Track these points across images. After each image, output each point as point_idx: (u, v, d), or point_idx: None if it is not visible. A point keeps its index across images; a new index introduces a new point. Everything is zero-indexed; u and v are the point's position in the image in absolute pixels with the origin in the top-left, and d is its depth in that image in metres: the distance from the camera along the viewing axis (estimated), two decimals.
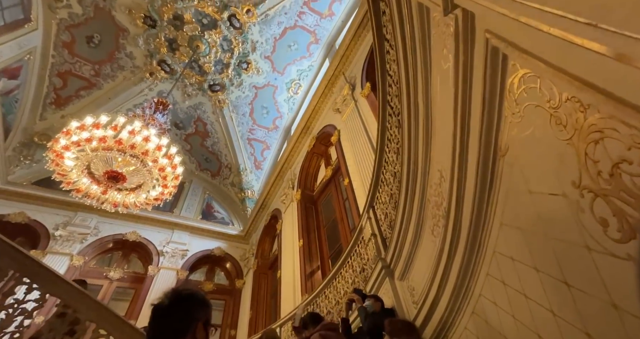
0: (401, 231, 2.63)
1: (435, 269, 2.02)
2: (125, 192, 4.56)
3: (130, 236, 9.03)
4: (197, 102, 9.99)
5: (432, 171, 1.94)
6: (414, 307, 2.45)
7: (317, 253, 5.81)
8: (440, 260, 1.90)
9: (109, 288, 8.30)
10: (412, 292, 2.54)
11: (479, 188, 1.37)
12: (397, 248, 2.76)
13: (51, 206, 8.67)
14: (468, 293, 1.72)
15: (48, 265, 2.58)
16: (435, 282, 2.05)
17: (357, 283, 3.65)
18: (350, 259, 3.94)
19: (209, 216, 10.75)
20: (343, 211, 5.80)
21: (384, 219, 3.25)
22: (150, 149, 4.15)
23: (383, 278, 2.94)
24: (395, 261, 2.84)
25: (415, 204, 2.27)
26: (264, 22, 8.25)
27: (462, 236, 1.61)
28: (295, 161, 8.20)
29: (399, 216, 2.63)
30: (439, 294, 2.06)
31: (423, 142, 1.92)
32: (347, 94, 6.13)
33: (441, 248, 1.87)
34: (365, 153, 4.84)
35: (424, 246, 2.26)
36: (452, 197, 1.61)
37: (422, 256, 2.32)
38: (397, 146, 2.67)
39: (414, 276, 2.51)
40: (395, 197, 2.88)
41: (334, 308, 4.00)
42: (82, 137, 3.78)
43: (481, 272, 1.54)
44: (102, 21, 8.19)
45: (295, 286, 5.60)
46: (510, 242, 1.30)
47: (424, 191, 2.11)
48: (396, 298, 2.70)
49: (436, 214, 1.98)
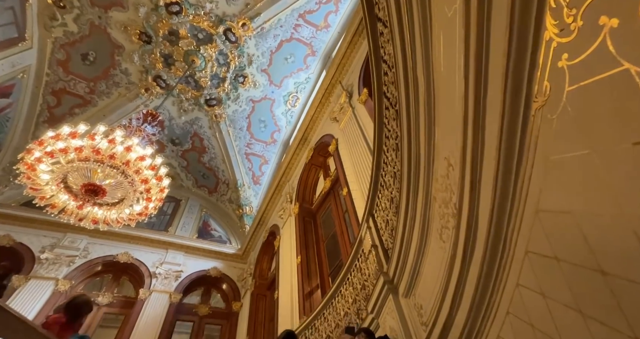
0: (404, 238, 2.26)
1: (446, 281, 1.65)
2: (106, 207, 4.22)
3: (121, 258, 8.59)
4: (193, 117, 9.84)
5: (437, 160, 1.61)
6: (423, 329, 2.04)
7: (316, 271, 5.36)
8: (452, 269, 1.53)
9: (96, 315, 7.76)
10: (419, 311, 2.14)
11: (502, 167, 1.04)
12: (401, 259, 2.38)
13: (39, 228, 8.31)
14: (491, 310, 1.34)
15: None
16: (447, 297, 1.67)
17: (358, 301, 3.22)
18: (350, 275, 3.53)
19: (205, 234, 10.33)
20: (343, 223, 5.41)
21: (385, 228, 2.88)
22: (132, 160, 3.85)
23: (386, 296, 2.54)
24: (399, 274, 2.45)
25: (419, 205, 1.92)
26: (259, 36, 8.21)
27: (480, 236, 1.27)
28: (294, 174, 7.89)
29: (400, 221, 2.27)
30: (453, 313, 1.67)
31: (425, 127, 1.61)
32: (345, 101, 5.91)
33: (452, 254, 1.51)
34: (364, 160, 4.53)
35: (432, 254, 1.90)
36: (465, 186, 1.28)
37: (429, 266, 1.95)
38: (396, 142, 2.36)
39: (421, 292, 2.11)
40: (396, 201, 2.53)
41: (333, 332, 3.54)
42: (56, 148, 3.50)
43: (509, 281, 1.18)
44: (98, 38, 8.19)
45: (293, 307, 5.12)
46: (553, 241, 0.95)
47: (429, 186, 1.77)
48: (401, 319, 2.29)
49: (444, 214, 1.63)
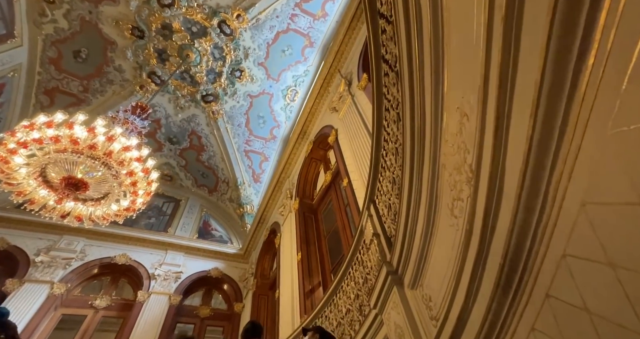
0: (408, 220, 1.97)
1: (459, 265, 1.35)
2: (90, 203, 3.97)
3: (119, 259, 8.37)
4: (190, 115, 9.62)
5: (447, 114, 1.32)
6: (433, 325, 1.74)
7: (317, 267, 5.07)
8: (467, 249, 1.24)
9: (93, 318, 7.55)
10: (428, 303, 1.84)
11: (546, 88, 0.74)
12: (405, 246, 2.08)
13: (34, 230, 8.13)
14: (521, 297, 1.04)
15: None
16: (461, 285, 1.37)
17: (361, 297, 2.93)
18: (352, 269, 3.24)
19: (206, 234, 10.09)
20: (345, 217, 5.12)
21: (387, 214, 2.58)
22: (115, 151, 3.60)
23: (389, 288, 2.24)
24: (403, 263, 2.15)
25: (425, 177, 1.63)
26: (255, 27, 7.96)
27: (508, 196, 0.97)
28: (293, 169, 7.62)
29: (404, 201, 1.98)
30: (469, 304, 1.37)
31: (432, 75, 1.32)
32: (344, 90, 5.63)
33: (468, 229, 1.21)
34: (364, 148, 4.24)
35: (441, 235, 1.60)
36: (487, 130, 0.98)
37: (439, 249, 1.65)
38: (397, 112, 2.07)
39: (429, 281, 1.82)
40: (398, 181, 2.24)
41: (335, 331, 3.25)
42: (29, 138, 3.25)
43: (550, 253, 0.88)
44: (89, 35, 8.00)
45: (294, 306, 4.83)
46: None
47: (436, 152, 1.48)
48: (407, 314, 1.99)
49: (456, 182, 1.34)
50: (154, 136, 10.08)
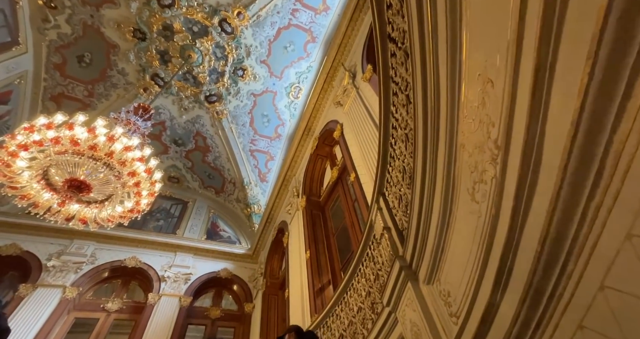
0: (422, 211, 1.83)
1: (484, 254, 1.21)
2: (94, 205, 3.92)
3: (129, 262, 8.38)
4: (194, 116, 9.58)
5: (466, 85, 1.18)
6: (453, 322, 1.60)
7: (326, 265, 4.95)
8: (493, 235, 1.10)
9: (105, 321, 7.56)
10: (446, 299, 1.70)
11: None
12: (419, 238, 1.94)
13: (45, 235, 8.20)
14: (565, 285, 0.90)
15: None
16: (486, 277, 1.23)
17: (372, 294, 2.79)
18: (362, 265, 3.10)
19: (214, 235, 10.06)
20: (353, 214, 4.98)
21: (397, 206, 2.44)
22: (116, 151, 3.53)
23: (403, 284, 2.10)
24: (418, 257, 2.01)
25: (440, 161, 1.49)
26: (256, 24, 7.86)
27: (548, 164, 0.82)
28: (299, 167, 7.50)
29: (416, 191, 1.84)
30: (496, 298, 1.23)
31: (447, 40, 1.18)
32: (348, 83, 5.49)
33: (494, 213, 1.07)
34: (371, 140, 4.10)
35: (461, 223, 1.46)
36: (520, 93, 0.83)
37: (458, 240, 1.51)
38: (406, 94, 1.93)
39: (447, 275, 1.68)
40: (409, 169, 2.10)
41: (347, 330, 3.12)
42: (30, 141, 3.20)
43: (606, 232, 0.73)
44: (92, 39, 8.01)
45: (304, 305, 4.72)
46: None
47: (453, 131, 1.34)
48: (424, 311, 1.85)
49: (478, 163, 1.19)
50: (160, 138, 10.09)
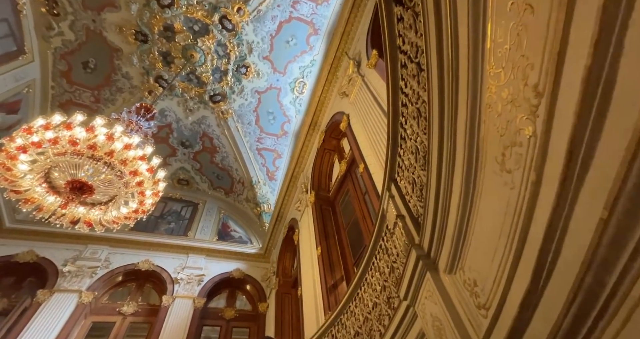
0: (440, 191, 1.63)
1: (519, 234, 1.01)
2: (98, 207, 3.84)
3: (142, 265, 8.40)
4: (200, 116, 9.53)
5: (493, 26, 0.97)
6: (482, 315, 1.40)
7: (339, 261, 4.77)
8: (532, 210, 0.90)
9: (122, 325, 7.59)
10: (472, 289, 1.50)
11: None
12: (437, 223, 1.74)
13: (60, 241, 8.31)
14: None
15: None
16: (524, 260, 1.03)
17: (388, 288, 2.60)
18: (376, 259, 2.91)
19: (225, 236, 10.01)
20: (364, 206, 4.79)
21: (411, 191, 2.24)
22: (117, 150, 3.43)
23: (421, 275, 1.90)
24: (436, 244, 1.81)
25: (460, 129, 1.29)
26: (257, 20, 7.73)
27: (617, 114, 0.62)
28: (307, 162, 7.35)
29: (433, 170, 1.64)
30: (538, 285, 1.02)
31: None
32: (353, 72, 5.29)
33: (535, 181, 0.87)
34: (379, 127, 3.90)
35: (487, 201, 1.26)
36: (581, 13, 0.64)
37: (484, 220, 1.31)
38: (416, 62, 1.73)
39: (472, 262, 1.48)
40: (423, 148, 1.90)
41: (363, 327, 2.94)
42: (27, 143, 3.13)
43: None
44: (95, 44, 8.04)
45: (317, 303, 4.56)
46: None
47: (476, 88, 1.14)
48: (447, 303, 1.65)
49: (510, 122, 0.99)
50: (167, 141, 10.10)
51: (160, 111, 9.33)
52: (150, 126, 5.17)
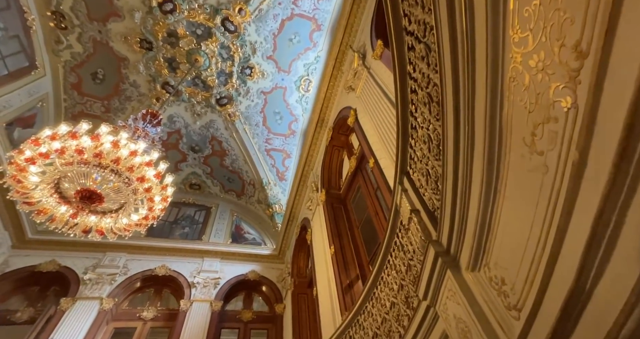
0: (457, 181, 1.49)
1: (557, 223, 0.87)
2: (109, 215, 3.83)
3: (159, 271, 8.48)
4: (208, 120, 9.55)
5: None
6: (513, 317, 1.26)
7: (353, 260, 4.64)
8: (575, 191, 0.76)
9: (143, 330, 7.67)
10: (500, 288, 1.35)
11: None
12: (457, 216, 1.60)
13: (80, 250, 8.47)
14: None
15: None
16: (565, 253, 0.88)
17: (406, 287, 2.46)
18: (391, 256, 2.77)
19: (239, 238, 10.02)
20: (376, 202, 4.64)
21: (425, 184, 2.10)
22: (123, 157, 3.40)
23: (441, 273, 1.76)
24: (457, 240, 1.67)
25: (479, 110, 1.15)
26: (258, 19, 7.66)
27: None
28: (316, 160, 7.24)
29: (448, 157, 1.50)
30: (587, 278, 0.88)
31: None
32: (358, 65, 5.14)
33: (579, 161, 0.73)
34: (387, 120, 3.75)
35: (514, 187, 1.12)
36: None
37: (512, 209, 1.16)
38: (424, 42, 1.59)
39: (499, 257, 1.33)
40: (436, 135, 1.76)
41: (381, 328, 2.81)
42: (35, 154, 3.13)
43: None
44: (102, 55, 8.15)
45: (333, 303, 4.44)
46: None
47: (497, 61, 1.00)
48: (471, 303, 1.51)
49: (541, 95, 0.85)
50: (177, 146, 10.17)
51: (168, 117, 9.41)
52: (157, 131, 5.17)
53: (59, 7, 7.44)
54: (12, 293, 8.01)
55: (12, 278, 7.89)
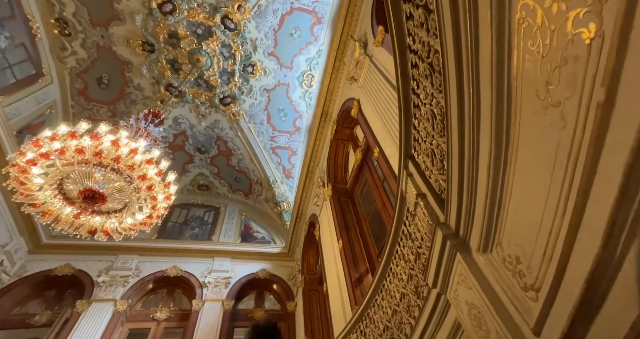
0: (464, 154, 1.37)
1: (580, 182, 0.75)
2: (113, 214, 3.82)
3: (171, 272, 8.52)
4: (212, 121, 9.55)
5: None
6: (530, 298, 1.14)
7: (362, 253, 4.53)
8: (601, 139, 0.64)
9: (157, 330, 7.72)
10: (515, 268, 1.23)
11: None
12: (464, 194, 1.48)
13: (93, 253, 8.58)
14: None
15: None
16: (588, 217, 0.76)
17: (415, 277, 2.34)
18: (399, 246, 2.66)
19: (248, 237, 10.01)
20: (383, 194, 4.52)
21: (431, 164, 1.98)
22: (123, 155, 3.37)
23: (450, 257, 1.64)
24: (465, 220, 1.55)
25: (484, 65, 1.03)
26: (258, 15, 7.60)
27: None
28: (321, 156, 7.14)
29: (453, 130, 1.38)
30: (615, 248, 0.76)
31: None
32: (360, 54, 5.02)
33: (605, 99, 0.62)
34: (391, 105, 3.63)
35: (527, 149, 0.99)
36: None
37: (524, 175, 1.04)
38: (423, 6, 1.48)
39: (512, 234, 1.21)
40: (440, 108, 1.64)
41: (391, 320, 2.70)
42: (37, 155, 3.11)
43: None
44: (106, 59, 8.22)
45: (343, 298, 4.34)
46: None
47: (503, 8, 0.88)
48: (483, 287, 1.39)
49: (557, 32, 0.73)
50: (184, 148, 10.20)
51: (173, 119, 9.44)
52: (160, 131, 5.15)
53: (62, 13, 7.52)
54: (30, 296, 8.16)
55: (29, 282, 8.04)
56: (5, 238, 7.80)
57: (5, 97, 7.21)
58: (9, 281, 7.82)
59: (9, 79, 7.37)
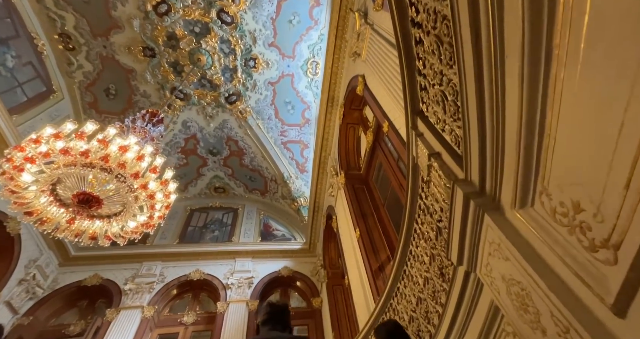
0: (482, 69, 0.98)
1: None
2: (114, 218, 3.65)
3: (194, 275, 8.49)
4: (221, 121, 9.42)
5: None
6: (604, 260, 0.75)
7: (381, 240, 4.15)
8: None
9: (185, 334, 7.69)
10: (573, 220, 0.83)
11: None
12: (489, 134, 1.09)
13: (118, 262, 8.70)
14: None
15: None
16: None
17: (438, 257, 1.96)
18: (417, 223, 2.27)
19: (268, 236, 9.83)
20: (399, 174, 4.11)
21: (443, 113, 1.58)
22: (112, 153, 3.18)
23: (476, 221, 1.25)
24: (492, 170, 1.16)
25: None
26: (254, 5, 7.33)
27: None
28: (332, 144, 6.79)
29: (465, 44, 1.00)
30: None
31: None
32: (361, 25, 4.63)
33: None
34: (395, 71, 3.23)
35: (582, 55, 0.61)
36: None
37: (588, 78, 0.66)
38: None
39: (565, 171, 0.82)
40: (446, 27, 1.26)
41: (417, 310, 2.32)
42: (36, 153, 2.98)
43: None
44: (111, 69, 8.26)
45: (365, 289, 3.99)
46: None
47: None
48: (527, 256, 1.00)
49: None
50: (196, 152, 10.15)
51: (182, 123, 9.39)
52: (159, 130, 4.99)
53: (64, 28, 7.59)
54: (64, 308, 8.37)
55: (62, 294, 8.25)
56: (35, 253, 8.01)
57: (19, 115, 7.34)
58: (43, 294, 8.05)
59: (20, 97, 7.51)
